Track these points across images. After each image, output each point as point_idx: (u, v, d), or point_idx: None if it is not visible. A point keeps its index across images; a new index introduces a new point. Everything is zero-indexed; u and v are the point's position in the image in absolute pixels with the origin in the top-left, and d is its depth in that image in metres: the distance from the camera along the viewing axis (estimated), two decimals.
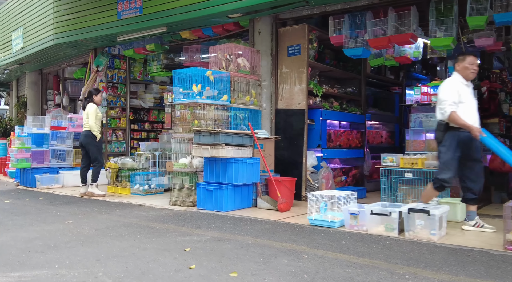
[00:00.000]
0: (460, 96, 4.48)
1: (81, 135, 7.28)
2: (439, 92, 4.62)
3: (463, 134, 4.42)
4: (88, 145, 7.11)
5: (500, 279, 2.99)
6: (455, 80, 4.60)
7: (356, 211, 4.56)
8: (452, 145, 4.45)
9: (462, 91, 4.53)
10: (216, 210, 5.71)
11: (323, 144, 7.29)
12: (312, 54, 7.18)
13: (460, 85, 4.56)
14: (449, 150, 4.45)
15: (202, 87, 6.26)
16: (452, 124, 4.47)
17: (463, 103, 4.49)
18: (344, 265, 3.28)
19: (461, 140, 4.44)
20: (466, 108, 4.48)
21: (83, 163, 7.34)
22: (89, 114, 7.13)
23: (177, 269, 3.17)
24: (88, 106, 7.22)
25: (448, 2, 5.87)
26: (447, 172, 4.43)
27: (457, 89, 4.51)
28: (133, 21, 7.98)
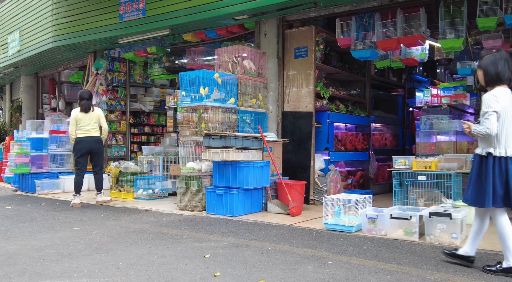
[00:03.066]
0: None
1: (91, 141, 6.75)
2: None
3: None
4: (101, 151, 6.91)
5: None
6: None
7: (375, 215, 4.48)
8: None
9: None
10: (226, 215, 5.60)
11: (330, 147, 7.22)
12: (318, 56, 7.12)
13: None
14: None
15: (210, 89, 6.16)
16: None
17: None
18: (373, 272, 3.20)
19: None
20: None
21: (82, 171, 6.87)
22: (102, 118, 6.91)
23: (202, 277, 3.06)
24: (97, 110, 6.95)
25: (457, 3, 5.85)
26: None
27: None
28: (136, 23, 7.85)
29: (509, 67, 3.22)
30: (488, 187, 3.16)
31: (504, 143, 3.16)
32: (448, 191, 5.12)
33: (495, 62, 3.22)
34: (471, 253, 3.34)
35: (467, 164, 5.30)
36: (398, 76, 10.00)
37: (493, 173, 3.16)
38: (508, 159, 3.14)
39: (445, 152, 5.90)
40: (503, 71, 3.20)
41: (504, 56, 3.23)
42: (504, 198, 3.15)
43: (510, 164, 3.12)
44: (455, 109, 6.22)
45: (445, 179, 5.15)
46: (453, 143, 5.89)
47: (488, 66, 3.26)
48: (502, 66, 3.20)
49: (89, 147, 6.79)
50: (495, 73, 3.21)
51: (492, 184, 3.15)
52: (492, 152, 3.18)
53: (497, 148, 3.17)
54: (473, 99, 6.52)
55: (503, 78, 3.20)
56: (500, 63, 3.21)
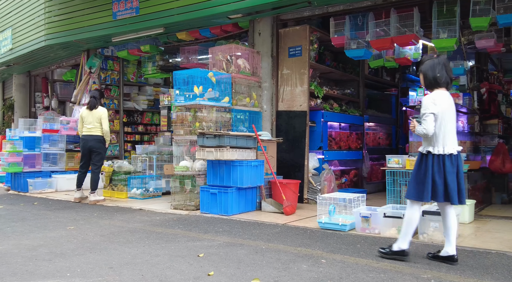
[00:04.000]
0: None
1: (90, 139, 6.78)
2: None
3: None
4: (100, 150, 6.85)
5: None
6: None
7: (368, 214, 4.50)
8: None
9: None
10: (220, 214, 5.60)
11: (324, 146, 7.24)
12: (312, 56, 7.13)
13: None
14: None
15: (204, 88, 6.15)
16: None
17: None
18: (366, 270, 3.21)
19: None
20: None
21: (84, 168, 6.99)
22: (104, 119, 6.85)
23: (196, 276, 3.05)
24: (101, 109, 6.90)
25: (450, 3, 5.87)
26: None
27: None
28: (129, 21, 7.82)
29: (447, 71, 3.41)
30: (427, 183, 3.35)
31: (442, 142, 3.35)
32: None
33: (433, 67, 3.42)
34: (452, 252, 3.40)
35: None
36: (391, 75, 10.04)
37: (432, 170, 3.35)
38: (445, 156, 3.33)
39: None
40: (441, 76, 3.40)
41: (443, 61, 3.44)
42: (444, 193, 3.35)
43: (447, 161, 3.33)
44: None
45: None
46: None
47: (427, 70, 3.47)
48: (439, 71, 3.40)
49: (88, 145, 6.83)
50: (433, 77, 3.42)
51: (431, 179, 3.34)
52: (431, 150, 3.38)
53: (435, 147, 3.37)
54: (466, 98, 6.55)
55: (440, 82, 3.41)
56: (438, 67, 3.42)
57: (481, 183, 6.45)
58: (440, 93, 3.42)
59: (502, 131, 7.81)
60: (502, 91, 8.21)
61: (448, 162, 3.34)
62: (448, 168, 3.33)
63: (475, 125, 7.16)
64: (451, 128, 3.40)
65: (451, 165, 3.34)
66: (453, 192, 3.32)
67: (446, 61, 3.45)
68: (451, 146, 3.37)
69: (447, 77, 3.43)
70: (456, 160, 3.37)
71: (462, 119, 6.99)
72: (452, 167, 3.34)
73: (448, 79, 3.45)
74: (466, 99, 6.55)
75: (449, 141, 3.37)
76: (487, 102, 7.35)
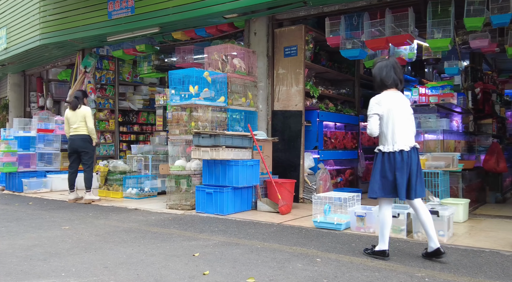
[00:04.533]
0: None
1: (77, 139, 6.80)
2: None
3: None
4: (87, 149, 6.83)
5: None
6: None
7: (363, 213, 4.52)
8: None
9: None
10: (216, 213, 5.60)
11: (319, 146, 7.26)
12: (308, 55, 7.15)
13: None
14: None
15: (199, 88, 6.15)
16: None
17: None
18: (361, 269, 3.23)
19: None
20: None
21: (72, 168, 6.98)
22: (87, 117, 6.82)
23: (191, 276, 3.06)
24: (84, 109, 6.88)
25: (445, 3, 5.90)
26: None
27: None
28: (125, 21, 7.80)
29: (395, 72, 3.51)
30: (380, 180, 3.49)
31: (391, 140, 3.47)
32: (436, 189, 5.18)
33: (380, 69, 3.55)
34: (435, 245, 3.44)
35: (454, 162, 5.36)
36: None
37: (382, 167, 3.49)
38: (396, 153, 3.44)
39: (433, 151, 5.96)
40: (387, 77, 3.51)
41: (391, 63, 3.53)
42: (392, 188, 3.46)
43: (398, 157, 3.43)
44: (443, 108, 6.29)
45: (432, 177, 5.21)
46: (440, 141, 5.95)
47: (375, 72, 3.61)
48: (387, 73, 3.51)
49: (75, 145, 6.84)
50: (380, 79, 3.55)
51: (380, 176, 3.48)
52: (382, 148, 3.54)
53: (385, 145, 3.51)
54: (460, 98, 6.60)
55: (387, 84, 3.53)
56: (385, 69, 3.52)
57: (476, 182, 6.50)
58: (387, 94, 3.54)
59: (496, 131, 7.87)
60: (496, 91, 8.27)
61: (398, 159, 3.42)
62: (398, 164, 3.42)
63: (470, 124, 7.21)
64: (401, 126, 3.48)
65: (401, 161, 3.42)
66: (401, 188, 3.40)
67: (395, 63, 3.55)
68: (401, 144, 3.45)
69: (395, 78, 3.52)
70: (408, 156, 3.44)
71: (456, 118, 7.03)
72: (402, 163, 3.42)
73: (397, 80, 3.54)
74: (460, 98, 6.60)
75: (399, 139, 3.45)
76: (482, 102, 7.41)
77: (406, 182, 3.44)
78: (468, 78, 7.43)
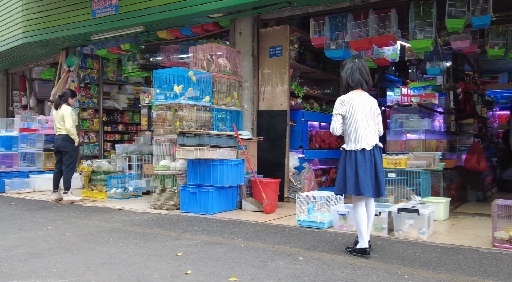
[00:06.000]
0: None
1: (58, 139, 6.75)
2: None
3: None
4: (67, 149, 6.75)
5: (496, 276, 3.05)
6: None
7: (346, 211, 4.57)
8: None
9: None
10: (201, 213, 5.60)
11: (304, 145, 7.30)
12: (293, 55, 7.18)
13: None
14: None
15: (184, 87, 6.14)
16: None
17: None
18: (342, 266, 3.27)
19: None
20: None
21: (57, 168, 6.92)
22: (66, 116, 6.73)
23: (173, 275, 3.06)
24: (63, 108, 6.78)
25: (427, 5, 5.99)
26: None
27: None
28: (109, 19, 7.74)
29: (361, 74, 3.65)
30: (340, 177, 3.66)
31: (354, 139, 3.61)
32: (417, 187, 5.25)
33: (346, 71, 3.72)
34: (364, 245, 3.58)
35: (435, 161, 5.45)
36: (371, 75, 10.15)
37: (344, 164, 3.62)
38: (357, 151, 3.57)
39: (415, 150, 6.05)
40: (352, 78, 3.66)
41: (357, 65, 3.68)
42: (355, 185, 3.58)
43: (359, 156, 3.56)
44: (425, 108, 6.39)
45: (414, 176, 5.28)
46: (422, 141, 6.04)
47: (342, 74, 3.78)
48: (352, 74, 3.66)
49: (57, 145, 6.82)
50: (345, 80, 3.71)
51: (343, 174, 3.63)
52: (345, 147, 3.67)
53: (348, 144, 3.65)
54: (442, 98, 6.70)
55: (352, 85, 3.68)
56: (349, 71, 3.69)
57: (457, 181, 6.61)
58: (352, 94, 3.67)
59: (478, 131, 8.01)
60: (478, 91, 8.41)
61: (360, 157, 3.55)
62: (360, 162, 3.54)
63: (451, 124, 7.33)
64: (364, 125, 3.60)
65: (363, 159, 3.54)
66: (363, 184, 3.51)
67: (361, 65, 3.68)
68: (364, 143, 3.57)
69: (361, 80, 3.66)
70: (371, 154, 3.57)
71: (438, 118, 7.14)
72: (365, 161, 3.54)
73: (363, 82, 3.67)
74: (442, 99, 6.70)
75: (361, 138, 3.58)
76: (463, 102, 7.53)
77: (374, 180, 3.56)
78: (450, 79, 7.55)
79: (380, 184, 3.58)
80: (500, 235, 3.85)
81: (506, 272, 3.16)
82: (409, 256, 3.56)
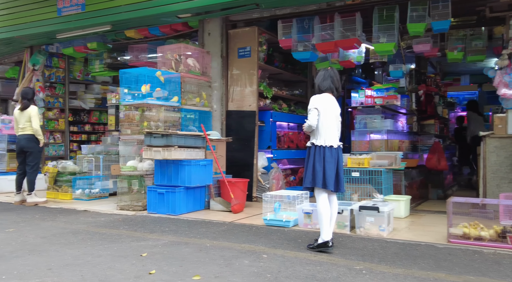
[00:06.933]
0: None
1: (22, 139, 6.58)
2: None
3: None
4: (32, 149, 6.59)
5: (449, 270, 3.21)
6: None
7: (310, 210, 4.68)
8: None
9: None
10: (168, 213, 5.60)
11: (273, 145, 7.40)
12: (261, 57, 7.27)
13: None
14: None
15: (152, 87, 6.12)
16: None
17: None
18: (304, 263, 3.36)
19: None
20: None
21: (20, 169, 6.77)
22: (33, 116, 6.57)
23: (137, 275, 3.08)
24: (31, 108, 6.65)
25: (390, 9, 6.18)
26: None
27: None
28: (75, 18, 7.61)
29: (332, 82, 3.96)
30: (311, 170, 3.83)
31: (324, 136, 3.85)
32: (380, 186, 5.43)
33: (318, 77, 4.03)
34: (328, 238, 3.75)
35: (397, 161, 5.65)
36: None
37: (314, 159, 3.83)
38: (326, 148, 3.83)
39: (378, 150, 6.25)
40: (324, 85, 3.97)
41: (329, 73, 3.99)
42: (323, 179, 3.79)
43: (327, 152, 3.82)
44: (388, 109, 6.61)
45: (376, 175, 5.46)
46: (385, 141, 6.25)
47: (315, 80, 4.09)
48: (324, 80, 3.97)
49: (20, 145, 6.65)
50: (317, 86, 4.03)
51: (313, 167, 3.82)
52: (314, 142, 3.89)
53: (318, 139, 3.86)
54: (404, 99, 6.94)
55: (322, 89, 3.98)
56: (320, 78, 4.00)
57: (418, 180, 6.86)
58: (323, 96, 3.95)
59: (439, 131, 8.33)
60: (439, 93, 8.74)
61: (328, 153, 3.81)
62: (328, 158, 3.80)
63: (413, 125, 7.59)
64: (331, 125, 3.88)
65: (330, 156, 3.81)
66: (329, 179, 3.77)
67: (333, 73, 4.00)
68: (331, 140, 3.84)
69: (331, 86, 3.96)
70: (336, 152, 3.85)
71: (401, 119, 7.39)
72: (332, 158, 3.81)
73: (333, 88, 3.97)
74: (404, 100, 6.93)
75: (329, 136, 3.85)
76: (424, 104, 7.81)
77: (335, 176, 3.81)
78: (412, 81, 7.82)
79: (340, 181, 3.86)
80: (454, 231, 4.05)
81: (458, 266, 3.33)
82: (369, 252, 3.70)
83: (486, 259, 3.51)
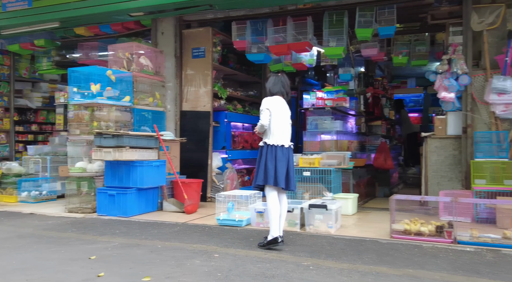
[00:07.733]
0: None
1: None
2: None
3: None
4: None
5: (391, 264, 3.41)
6: None
7: (262, 209, 4.78)
8: None
9: None
10: (119, 215, 5.51)
11: (227, 146, 7.45)
12: (216, 57, 7.30)
13: None
14: None
15: (102, 86, 6.00)
16: None
17: None
18: (255, 261, 3.45)
19: None
20: None
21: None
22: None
23: (85, 278, 3.04)
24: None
25: (339, 14, 6.41)
26: None
27: None
28: (21, 14, 7.29)
29: (282, 86, 4.18)
30: (263, 169, 3.96)
31: (276, 136, 4.01)
32: (329, 185, 5.63)
33: (269, 82, 4.25)
34: (276, 234, 3.89)
35: (345, 160, 5.88)
36: (291, 79, 10.59)
37: (266, 157, 3.97)
38: (277, 147, 3.98)
39: (328, 150, 6.46)
40: (275, 89, 4.18)
41: (280, 79, 4.21)
42: (274, 177, 3.91)
43: (279, 151, 3.97)
44: (338, 111, 6.84)
45: (326, 174, 5.66)
46: (335, 141, 6.48)
47: (266, 84, 4.30)
48: (274, 85, 4.18)
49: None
50: (268, 89, 4.23)
51: (265, 165, 3.95)
52: (267, 141, 4.04)
53: (270, 139, 4.02)
54: (353, 102, 7.22)
55: (273, 93, 4.19)
56: (273, 83, 4.19)
57: (366, 179, 7.16)
58: (274, 98, 4.13)
59: (386, 132, 8.72)
60: (386, 95, 9.14)
61: (279, 152, 3.95)
62: (279, 156, 3.94)
63: (362, 126, 7.90)
64: (281, 126, 4.04)
65: (282, 154, 3.96)
66: (280, 177, 3.90)
67: (283, 79, 4.22)
68: (282, 140, 4.00)
69: (282, 90, 4.18)
70: (287, 151, 4.01)
71: (351, 120, 7.67)
72: (283, 157, 3.96)
73: (283, 92, 4.19)
74: (353, 102, 7.21)
75: (280, 136, 4.00)
76: (372, 105, 8.15)
77: (286, 174, 3.94)
78: (361, 84, 8.14)
79: (290, 179, 3.98)
80: (397, 227, 4.29)
81: (399, 259, 3.54)
82: (317, 249, 3.84)
83: (425, 253, 3.75)
